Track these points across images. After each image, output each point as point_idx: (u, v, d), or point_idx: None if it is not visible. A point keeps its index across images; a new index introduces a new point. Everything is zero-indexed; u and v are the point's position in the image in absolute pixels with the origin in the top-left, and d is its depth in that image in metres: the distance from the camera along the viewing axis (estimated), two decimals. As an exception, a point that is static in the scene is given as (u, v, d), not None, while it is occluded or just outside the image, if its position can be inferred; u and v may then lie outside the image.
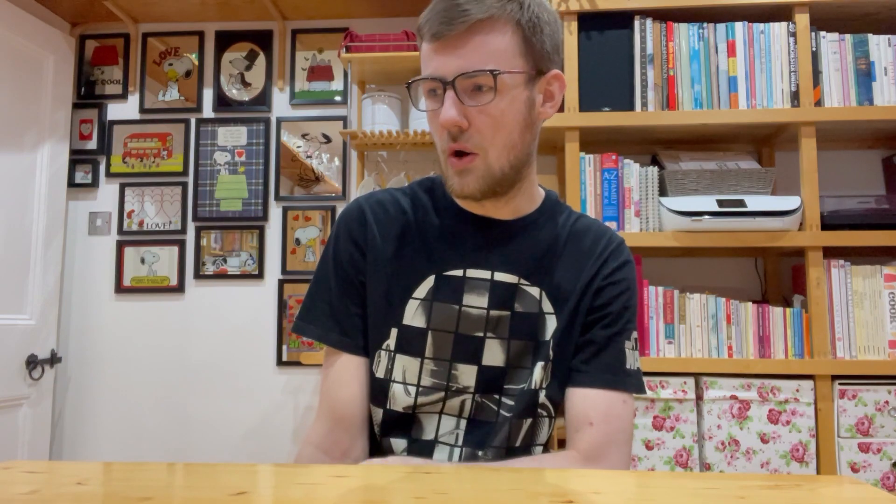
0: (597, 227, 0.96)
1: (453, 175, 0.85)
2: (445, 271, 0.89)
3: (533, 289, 0.89)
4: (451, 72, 0.81)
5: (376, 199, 0.94)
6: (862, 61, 1.89)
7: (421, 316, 0.87)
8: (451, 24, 0.79)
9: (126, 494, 0.61)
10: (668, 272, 2.16)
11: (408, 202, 0.94)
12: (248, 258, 2.48)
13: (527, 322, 0.88)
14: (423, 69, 0.85)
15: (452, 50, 0.81)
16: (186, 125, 2.55)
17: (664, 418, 1.78)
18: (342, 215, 0.94)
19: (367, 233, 0.91)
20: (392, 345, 0.88)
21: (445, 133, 0.83)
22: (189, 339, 2.47)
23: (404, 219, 0.92)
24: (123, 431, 2.45)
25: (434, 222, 0.92)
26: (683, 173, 1.90)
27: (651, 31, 1.92)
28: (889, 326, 1.78)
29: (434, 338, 0.87)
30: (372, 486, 0.64)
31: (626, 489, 0.63)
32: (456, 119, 0.81)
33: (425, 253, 0.90)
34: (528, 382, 0.88)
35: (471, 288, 0.88)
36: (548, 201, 0.96)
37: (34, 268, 2.31)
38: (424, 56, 0.84)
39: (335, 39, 2.51)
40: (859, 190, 2.15)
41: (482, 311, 0.87)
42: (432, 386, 0.87)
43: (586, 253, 0.92)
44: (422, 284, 0.88)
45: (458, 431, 0.87)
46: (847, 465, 1.72)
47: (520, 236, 0.91)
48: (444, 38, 0.81)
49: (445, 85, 0.81)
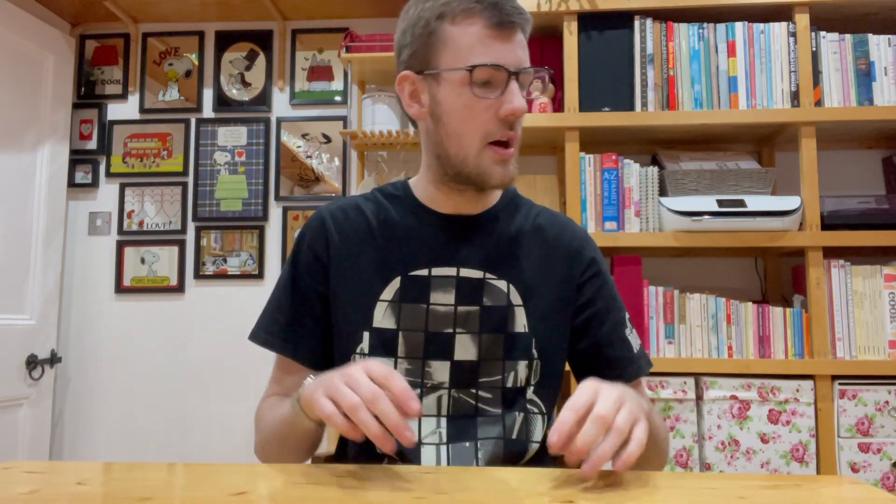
0: (560, 220, 0.98)
1: (495, 164, 0.85)
2: (410, 271, 0.89)
3: (500, 282, 0.90)
4: (517, 63, 0.83)
5: (337, 206, 0.96)
6: (862, 61, 1.89)
7: (390, 317, 0.88)
8: (514, 18, 0.82)
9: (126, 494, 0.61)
10: (668, 272, 2.16)
11: (370, 206, 0.95)
12: (248, 258, 2.48)
13: (496, 315, 0.89)
14: (469, 54, 0.83)
15: (516, 42, 0.84)
16: (186, 125, 2.55)
17: (664, 418, 1.78)
18: (305, 226, 0.96)
19: (329, 241, 0.92)
20: (365, 348, 0.89)
21: (496, 122, 0.83)
22: (189, 339, 2.47)
23: (366, 223, 0.93)
24: (123, 431, 2.45)
25: (397, 223, 0.92)
26: (683, 173, 1.90)
27: (651, 31, 1.92)
28: (889, 326, 1.78)
29: (405, 337, 0.88)
30: (372, 486, 0.64)
31: (627, 489, 0.63)
32: (525, 108, 0.83)
33: (389, 255, 0.90)
34: (502, 376, 0.89)
35: (437, 286, 0.89)
36: (507, 194, 0.98)
37: (34, 268, 2.31)
38: (476, 43, 0.82)
39: (335, 39, 2.51)
40: (859, 190, 2.15)
41: (450, 308, 0.88)
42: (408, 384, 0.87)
43: (552, 247, 0.94)
44: (388, 286, 0.89)
45: (439, 430, 0.88)
46: (847, 465, 1.72)
47: (483, 230, 0.92)
48: (510, 29, 0.82)
49: (511, 75, 0.83)
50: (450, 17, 0.83)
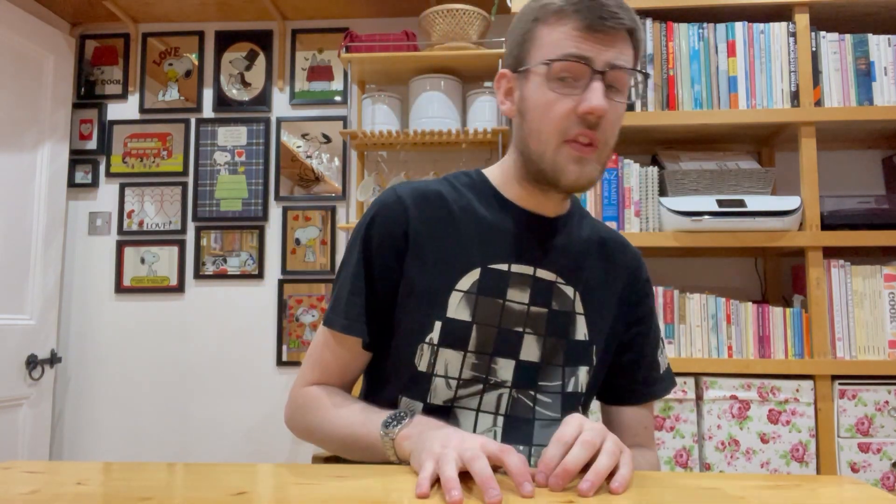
0: (619, 238, 1.01)
1: (571, 162, 0.83)
2: (491, 264, 0.88)
3: (567, 288, 0.90)
4: (604, 62, 0.81)
5: (414, 187, 0.91)
6: (862, 61, 1.89)
7: (465, 309, 0.86)
8: (620, 19, 0.81)
9: (126, 494, 0.61)
10: (668, 272, 2.16)
11: (450, 192, 0.91)
12: (248, 258, 2.48)
13: (561, 320, 0.90)
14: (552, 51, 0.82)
15: (606, 44, 0.81)
16: (186, 125, 2.55)
17: (664, 418, 1.78)
18: (379, 204, 0.90)
19: (409, 222, 0.88)
20: (435, 338, 0.86)
21: (573, 118, 0.82)
22: (189, 339, 2.47)
23: (448, 209, 0.90)
24: (123, 431, 2.45)
25: (480, 213, 0.90)
26: (683, 173, 1.90)
27: (651, 31, 1.92)
28: (889, 326, 1.78)
29: (478, 331, 0.86)
30: (373, 485, 0.64)
31: (627, 489, 0.63)
32: (605, 107, 0.81)
33: (470, 245, 0.88)
34: (563, 382, 0.90)
35: (514, 283, 0.88)
36: (574, 202, 0.98)
37: (34, 268, 2.31)
38: (563, 40, 0.82)
39: (335, 39, 2.51)
40: (859, 190, 2.15)
41: (523, 307, 0.88)
42: (471, 378, 0.86)
43: (613, 262, 0.97)
44: (466, 276, 0.87)
45: (495, 429, 0.87)
46: (847, 465, 1.72)
47: (559, 234, 0.92)
48: (604, 31, 0.81)
49: (595, 73, 0.81)
50: (543, 18, 0.84)
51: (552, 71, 0.82)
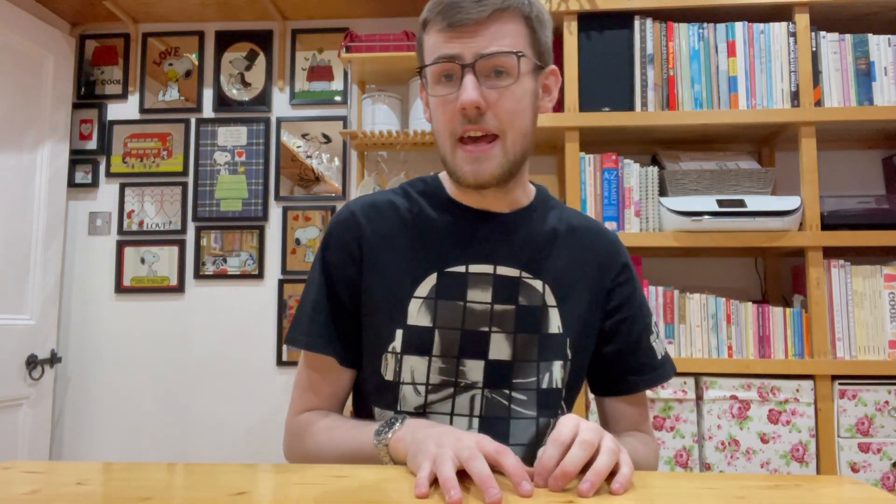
0: (593, 225, 0.98)
1: (465, 163, 0.84)
2: (448, 268, 0.88)
3: (535, 282, 0.89)
4: (471, 54, 0.81)
5: (367, 201, 0.93)
6: (862, 61, 1.89)
7: (426, 315, 0.86)
8: (470, 12, 0.80)
9: (126, 494, 0.61)
10: (668, 272, 2.16)
11: (402, 201, 0.93)
12: (248, 258, 2.48)
13: (531, 315, 0.88)
14: (430, 57, 0.84)
15: (469, 35, 0.81)
16: (186, 125, 2.55)
17: (664, 418, 1.78)
18: (333, 221, 0.93)
19: (362, 236, 0.90)
20: (398, 346, 0.86)
21: (459, 117, 0.82)
22: (189, 339, 2.47)
23: (399, 218, 0.91)
24: (123, 431, 2.45)
25: (432, 218, 0.91)
26: (683, 173, 1.90)
27: (651, 31, 1.92)
28: (889, 326, 1.78)
29: (441, 335, 0.86)
30: (373, 485, 0.64)
31: (628, 489, 0.63)
32: (477, 99, 0.80)
33: (425, 250, 0.89)
34: (537, 378, 0.88)
35: (474, 283, 0.87)
36: (540, 194, 0.97)
37: (34, 268, 2.31)
38: (434, 44, 0.83)
39: (335, 39, 2.51)
40: (859, 190, 2.15)
41: (486, 306, 0.87)
42: (440, 383, 0.86)
43: (585, 249, 0.94)
44: (423, 283, 0.87)
45: (471, 431, 0.85)
46: (847, 465, 1.72)
47: (519, 229, 0.91)
48: (463, 25, 0.81)
49: (464, 67, 0.81)
50: (423, 27, 0.86)
51: (432, 76, 0.84)
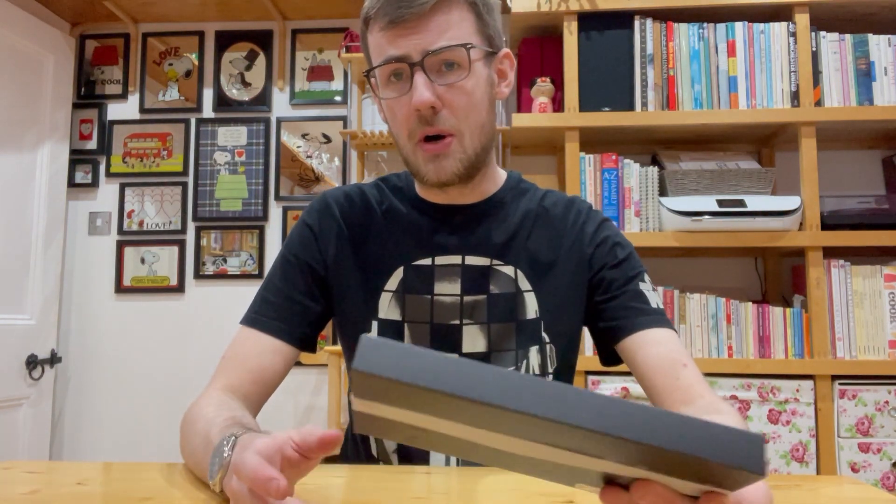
0: (565, 198, 0.94)
1: (426, 162, 0.82)
2: (414, 261, 0.87)
3: (507, 268, 0.87)
4: (418, 52, 0.77)
5: (343, 192, 0.93)
6: (862, 61, 1.89)
7: (395, 309, 0.86)
8: (411, 7, 0.76)
9: (126, 494, 0.61)
10: (668, 272, 2.16)
11: (374, 194, 0.93)
12: (248, 258, 2.48)
13: (505, 303, 0.86)
14: (377, 58, 0.81)
15: (414, 32, 0.77)
16: (186, 125, 2.55)
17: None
18: (309, 209, 0.92)
19: (339, 227, 0.90)
20: None
21: (414, 118, 0.79)
22: (189, 338, 2.47)
23: (371, 211, 0.91)
24: (123, 431, 2.45)
25: (401, 213, 0.91)
26: (683, 173, 1.90)
27: (651, 31, 1.92)
28: (889, 326, 1.78)
29: (411, 330, 0.86)
30: (372, 485, 0.64)
31: (626, 489, 0.63)
32: (430, 99, 0.77)
33: (392, 244, 0.89)
34: (516, 366, 0.86)
35: (441, 275, 0.87)
36: (511, 180, 0.94)
37: (34, 268, 2.31)
38: (379, 44, 0.80)
39: (335, 39, 2.51)
40: (859, 190, 2.14)
41: (455, 298, 0.86)
42: None
43: (559, 226, 0.91)
44: (392, 276, 0.87)
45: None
46: (847, 465, 1.72)
47: (488, 217, 0.90)
48: (405, 22, 0.77)
49: (413, 66, 0.78)
50: (366, 26, 0.83)
51: (381, 77, 0.82)
